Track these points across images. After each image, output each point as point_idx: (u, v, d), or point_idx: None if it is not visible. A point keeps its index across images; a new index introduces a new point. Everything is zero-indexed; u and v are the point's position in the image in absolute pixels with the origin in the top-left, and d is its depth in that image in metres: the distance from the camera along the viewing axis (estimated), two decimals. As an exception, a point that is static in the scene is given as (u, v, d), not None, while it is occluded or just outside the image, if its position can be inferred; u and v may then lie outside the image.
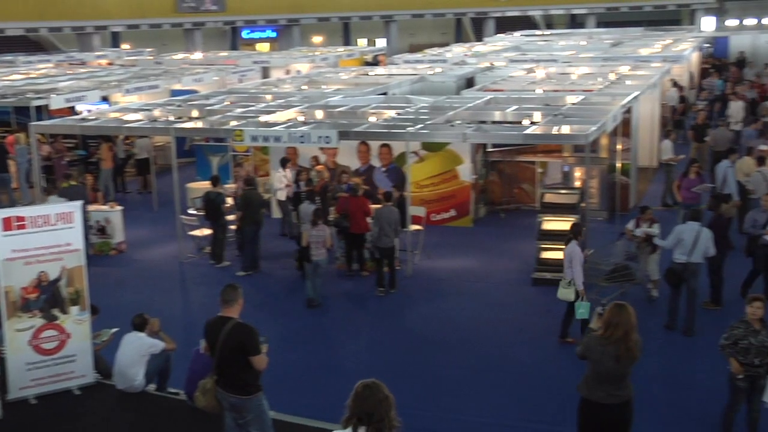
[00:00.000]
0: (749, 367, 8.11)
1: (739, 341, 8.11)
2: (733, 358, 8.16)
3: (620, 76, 21.84)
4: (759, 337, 8.08)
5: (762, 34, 39.71)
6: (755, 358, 8.10)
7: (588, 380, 7.21)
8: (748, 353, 8.10)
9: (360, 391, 5.15)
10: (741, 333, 8.14)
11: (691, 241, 11.40)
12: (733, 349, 8.15)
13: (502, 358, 11.00)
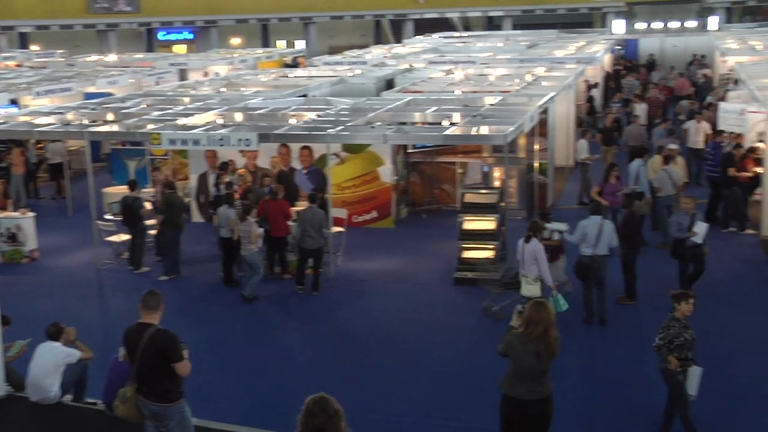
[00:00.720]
0: (684, 361, 8.30)
1: (674, 339, 8.25)
2: (671, 356, 8.26)
3: (536, 77, 22.27)
4: (689, 331, 8.29)
5: (668, 37, 41.08)
6: (689, 352, 8.31)
7: (510, 377, 7.32)
8: (683, 349, 8.27)
9: (311, 407, 5.06)
10: (676, 331, 8.27)
11: (594, 235, 11.85)
12: (668, 348, 8.28)
13: (427, 358, 11.07)
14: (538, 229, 11.61)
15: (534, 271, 11.26)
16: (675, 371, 8.29)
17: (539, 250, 11.29)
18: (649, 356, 9.79)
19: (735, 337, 11.40)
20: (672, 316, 8.39)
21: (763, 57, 25.02)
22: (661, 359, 8.38)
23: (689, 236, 12.32)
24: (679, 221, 12.55)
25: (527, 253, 11.32)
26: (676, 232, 12.56)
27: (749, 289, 13.09)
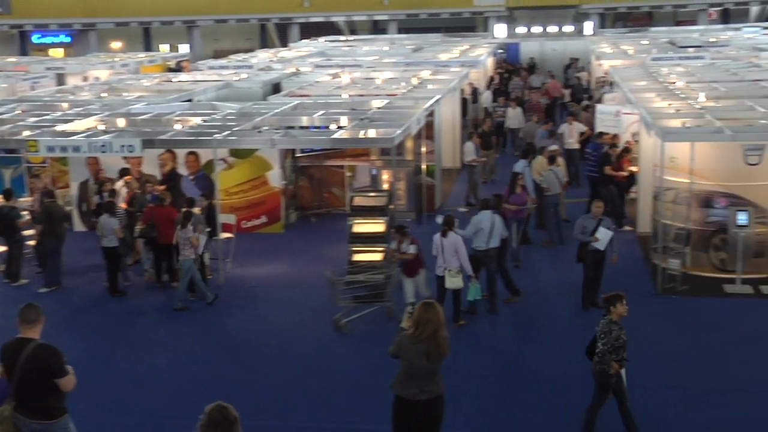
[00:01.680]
0: (619, 362, 8.42)
1: (615, 342, 8.30)
2: (613, 361, 8.33)
3: (422, 80, 22.59)
4: (624, 331, 8.42)
5: (548, 41, 42.40)
6: (624, 352, 8.45)
7: (401, 378, 7.40)
8: (620, 350, 8.37)
9: (213, 415, 5.12)
10: (616, 334, 8.32)
11: (488, 229, 12.24)
12: (609, 352, 8.31)
13: (319, 362, 11.06)
14: (452, 223, 11.96)
15: (456, 263, 11.66)
16: (612, 375, 8.38)
17: (459, 242, 11.76)
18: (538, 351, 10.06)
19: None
20: (609, 320, 8.39)
21: (635, 61, 26.16)
22: (598, 362, 8.43)
23: (591, 241, 12.35)
24: (584, 224, 12.45)
25: (447, 247, 11.68)
26: (579, 234, 12.49)
27: (627, 283, 13.58)
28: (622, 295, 8.51)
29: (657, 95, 17.15)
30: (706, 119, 13.90)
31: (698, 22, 50.60)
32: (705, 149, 13.18)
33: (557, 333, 11.84)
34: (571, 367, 10.17)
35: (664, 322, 11.97)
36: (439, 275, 11.92)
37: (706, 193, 13.51)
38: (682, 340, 11.42)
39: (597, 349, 8.40)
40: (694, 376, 10.27)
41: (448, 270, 11.70)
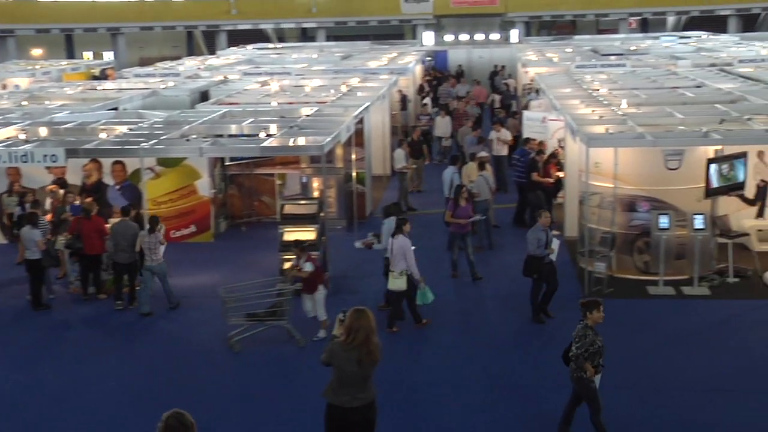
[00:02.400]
0: (596, 368, 8.46)
1: (589, 347, 8.36)
2: (587, 364, 8.40)
3: (351, 87, 22.63)
4: (600, 338, 8.49)
5: (475, 49, 42.97)
6: (599, 358, 8.48)
7: (333, 385, 7.38)
8: (596, 356, 8.41)
9: (170, 422, 5.34)
10: (591, 339, 8.38)
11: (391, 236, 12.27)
12: (584, 356, 8.39)
13: (251, 371, 10.95)
14: (404, 224, 12.20)
15: (402, 265, 11.84)
16: (590, 378, 8.42)
17: (407, 245, 11.93)
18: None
19: (542, 334, 12.07)
20: (585, 325, 8.44)
21: (560, 68, 26.70)
22: (575, 368, 8.49)
23: (548, 253, 12.39)
24: (539, 237, 12.24)
25: (396, 249, 11.87)
26: (535, 248, 12.23)
27: (569, 289, 13.85)
28: (600, 302, 8.54)
29: (581, 102, 17.53)
30: (628, 125, 14.27)
31: (619, 31, 51.97)
32: (628, 155, 13.52)
33: (511, 339, 11.99)
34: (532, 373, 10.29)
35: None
36: None
37: (630, 198, 13.85)
38: (609, 342, 11.63)
39: (571, 353, 8.47)
40: (621, 376, 10.50)
41: (391, 271, 11.96)
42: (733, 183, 13.79)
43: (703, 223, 13.25)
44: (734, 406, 9.49)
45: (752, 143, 13.88)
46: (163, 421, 5.34)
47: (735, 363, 10.71)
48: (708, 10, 50.75)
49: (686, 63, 26.56)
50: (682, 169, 13.66)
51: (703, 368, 10.58)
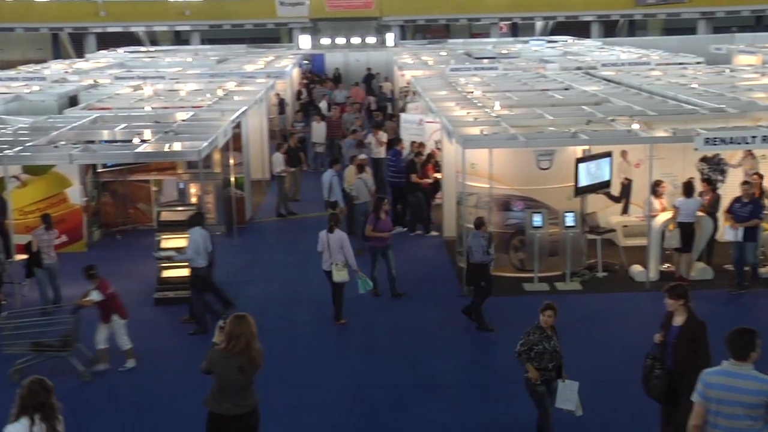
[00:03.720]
0: (544, 372, 8.41)
1: (534, 347, 8.36)
2: (529, 364, 8.38)
3: (228, 91, 22.33)
4: (551, 342, 8.44)
5: (351, 53, 43.20)
6: (549, 362, 8.40)
7: (214, 394, 7.27)
8: (542, 358, 8.37)
9: (34, 387, 6.17)
10: (536, 338, 8.36)
11: (202, 246, 12.17)
12: (528, 355, 8.38)
13: (129, 382, 10.65)
14: (338, 219, 12.95)
15: (341, 257, 12.32)
16: (534, 382, 8.40)
17: (344, 238, 12.49)
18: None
19: (424, 332, 12.27)
20: (536, 325, 8.46)
21: (435, 71, 27.19)
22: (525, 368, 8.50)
23: (492, 259, 12.47)
24: (481, 244, 12.15)
25: (333, 243, 12.32)
26: (481, 255, 12.10)
27: (435, 286, 14.13)
28: (551, 306, 8.54)
29: (456, 104, 17.90)
30: (501, 127, 14.67)
31: (491, 35, 53.43)
32: (502, 155, 13.90)
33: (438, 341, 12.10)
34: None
35: (470, 322, 12.48)
36: (326, 270, 12.49)
37: (505, 197, 14.25)
38: (487, 339, 11.97)
39: (515, 348, 8.49)
40: (496, 373, 10.79)
41: (335, 264, 12.30)
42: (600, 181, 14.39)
43: (574, 220, 13.78)
44: (607, 396, 9.88)
45: (616, 143, 14.52)
46: (25, 387, 6.15)
47: (606, 354, 11.17)
48: (573, 16, 52.86)
49: (554, 66, 27.54)
50: (553, 169, 14.16)
51: (576, 360, 10.96)
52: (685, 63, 27.97)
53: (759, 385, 6.03)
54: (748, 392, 6.03)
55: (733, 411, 6.05)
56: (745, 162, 15.47)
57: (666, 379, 7.89)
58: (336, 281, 12.42)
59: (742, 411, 6.02)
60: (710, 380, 6.19)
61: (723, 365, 6.23)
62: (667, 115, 15.66)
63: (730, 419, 6.07)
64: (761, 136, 13.29)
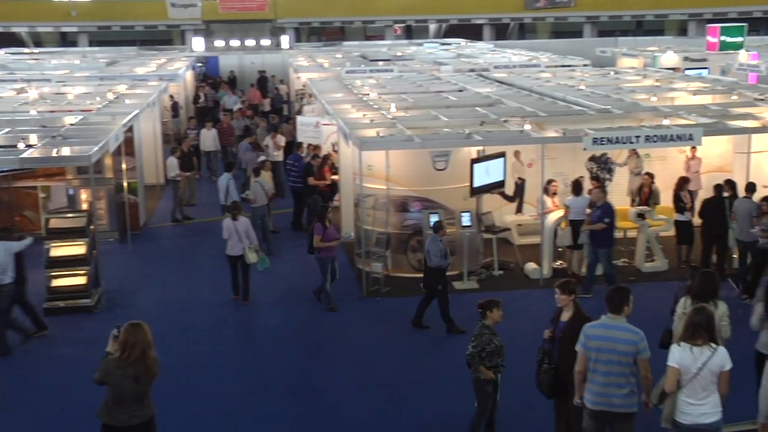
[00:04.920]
0: (494, 369, 8.41)
1: (486, 347, 8.32)
2: (482, 366, 8.34)
3: (118, 95, 21.72)
4: (498, 338, 8.43)
5: (246, 55, 42.75)
6: (498, 358, 8.42)
7: (108, 405, 7.06)
8: (494, 356, 8.37)
9: None
10: (487, 338, 8.34)
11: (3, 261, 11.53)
12: (480, 356, 8.34)
13: (21, 395, 10.24)
14: (239, 208, 13.60)
15: (248, 242, 13.21)
16: (486, 381, 8.40)
17: (248, 223, 13.44)
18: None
19: (325, 334, 12.27)
20: (482, 324, 8.43)
21: (331, 73, 27.19)
22: (473, 370, 8.44)
23: (449, 263, 12.41)
24: (440, 247, 12.13)
25: (241, 228, 13.20)
26: (439, 259, 12.07)
27: (335, 289, 14.05)
28: (498, 302, 8.57)
29: (353, 106, 17.97)
30: (398, 128, 14.81)
31: (386, 37, 53.83)
32: (399, 157, 14.03)
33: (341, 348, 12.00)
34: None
35: (370, 323, 12.56)
36: (232, 255, 13.30)
37: (402, 198, 14.38)
38: (387, 340, 12.06)
39: (467, 351, 8.45)
40: (398, 373, 10.88)
41: (248, 247, 13.18)
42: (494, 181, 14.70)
43: (470, 220, 14.03)
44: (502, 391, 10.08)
45: (509, 143, 14.88)
46: None
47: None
48: (465, 19, 53.81)
49: (448, 68, 27.98)
50: (449, 170, 14.38)
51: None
52: (572, 65, 28.88)
53: (629, 335, 7.13)
54: (620, 341, 7.12)
55: (609, 357, 7.15)
56: (630, 161, 16.11)
57: (551, 373, 8.10)
58: (249, 262, 13.25)
59: (616, 357, 7.12)
60: (590, 332, 7.27)
61: (601, 319, 7.31)
62: (557, 116, 16.13)
63: (606, 364, 7.15)
64: (644, 135, 13.86)
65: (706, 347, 6.88)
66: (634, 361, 7.15)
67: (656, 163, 16.09)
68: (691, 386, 6.89)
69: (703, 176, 15.84)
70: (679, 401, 6.97)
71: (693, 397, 6.91)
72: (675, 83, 21.60)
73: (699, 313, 7.07)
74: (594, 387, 7.28)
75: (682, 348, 6.93)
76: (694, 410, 6.92)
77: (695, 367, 6.85)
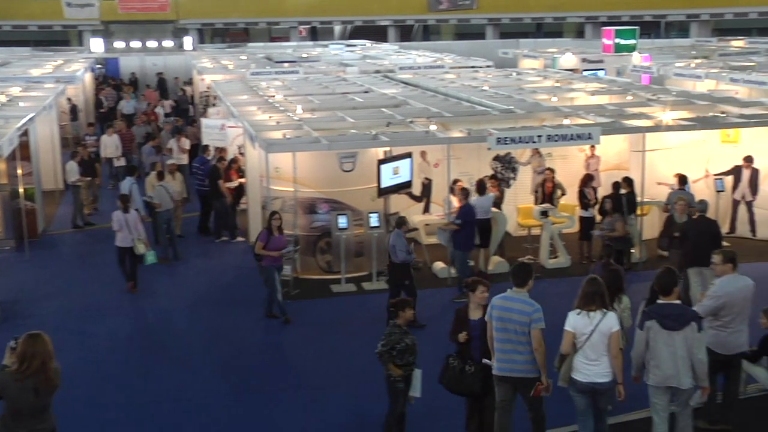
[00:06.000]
0: (406, 367, 8.43)
1: (396, 345, 8.35)
2: (391, 364, 8.38)
3: (12, 97, 20.90)
4: (410, 337, 8.46)
5: (148, 57, 41.87)
6: (410, 356, 8.45)
7: (5, 420, 6.76)
8: (405, 354, 8.39)
9: None
10: (397, 337, 8.37)
11: None
12: (390, 354, 8.36)
13: None
14: (128, 200, 14.13)
15: (135, 234, 13.73)
16: (397, 379, 8.41)
17: (137, 216, 13.98)
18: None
19: (236, 339, 12.11)
20: (393, 323, 8.49)
21: (235, 75, 26.88)
22: (386, 368, 8.44)
23: (414, 258, 12.36)
24: (404, 243, 12.17)
25: (131, 220, 13.70)
26: (404, 255, 12.10)
27: (243, 293, 13.97)
28: (410, 301, 8.74)
29: (258, 108, 17.80)
30: (304, 130, 14.75)
31: (291, 39, 53.59)
32: (306, 158, 13.97)
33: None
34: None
35: (281, 326, 12.45)
36: (122, 246, 13.73)
37: (310, 200, 14.33)
38: (300, 342, 12.00)
39: (376, 349, 8.44)
40: (312, 375, 10.84)
41: (137, 238, 13.64)
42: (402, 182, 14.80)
43: (378, 220, 14.09)
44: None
45: (415, 144, 15.00)
46: None
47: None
48: (370, 21, 54.09)
49: (354, 70, 28.05)
50: (356, 171, 14.41)
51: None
52: (476, 66, 29.37)
53: (525, 306, 7.79)
54: (516, 311, 7.80)
55: (506, 326, 7.83)
56: (533, 160, 16.48)
57: (481, 374, 8.26)
58: (138, 253, 13.71)
59: (512, 326, 7.79)
60: (496, 303, 7.95)
61: (507, 292, 7.96)
62: (461, 117, 16.37)
63: (505, 332, 7.84)
64: (546, 135, 14.21)
65: (599, 312, 7.64)
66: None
67: (558, 161, 16.50)
68: (585, 348, 7.61)
69: (602, 174, 16.32)
70: (575, 362, 7.70)
71: (587, 358, 7.64)
72: (574, 84, 22.22)
73: (592, 283, 7.82)
74: (499, 354, 7.93)
75: (577, 314, 7.71)
76: (589, 370, 7.65)
77: (588, 330, 7.60)
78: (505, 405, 8.08)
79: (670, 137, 15.62)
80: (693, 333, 7.58)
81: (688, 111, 16.87)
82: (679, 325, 7.57)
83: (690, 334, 7.56)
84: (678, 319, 7.60)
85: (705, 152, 16.17)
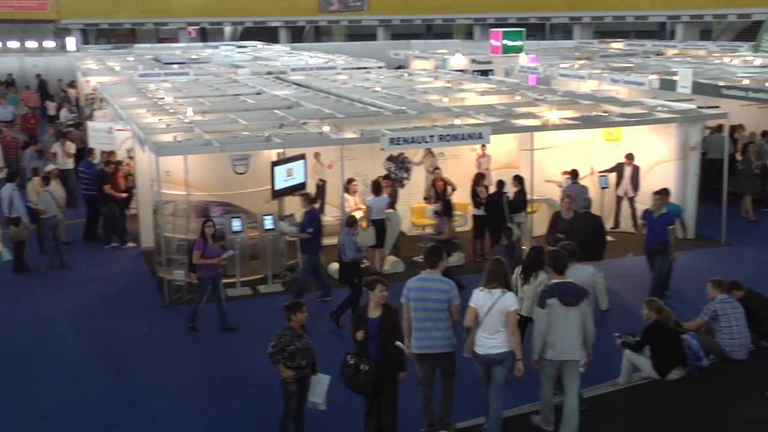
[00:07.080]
0: (298, 370, 8.45)
1: (286, 347, 8.38)
2: (281, 365, 8.43)
3: None
4: (303, 340, 8.45)
5: (28, 57, 40.36)
6: (302, 360, 8.44)
7: None
8: (296, 357, 8.40)
9: None
10: (288, 339, 8.39)
11: None
12: (282, 356, 8.41)
13: None
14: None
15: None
16: (288, 381, 8.45)
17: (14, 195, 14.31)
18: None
19: (131, 346, 11.80)
20: (286, 326, 8.48)
21: (123, 77, 26.17)
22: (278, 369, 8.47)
23: (365, 256, 12.46)
24: (354, 241, 12.34)
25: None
26: (354, 253, 12.31)
27: (136, 300, 13.61)
28: (303, 303, 8.67)
29: (147, 111, 17.39)
30: (195, 132, 14.50)
31: (180, 40, 52.58)
32: (198, 161, 13.73)
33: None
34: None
35: (175, 332, 12.20)
36: None
37: (203, 204, 14.08)
38: (195, 348, 11.80)
39: (267, 350, 8.47)
40: (208, 380, 10.68)
41: None
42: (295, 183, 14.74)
43: (273, 223, 13.99)
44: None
45: (309, 145, 14.97)
46: None
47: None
48: (260, 22, 53.67)
49: (245, 71, 27.74)
50: (250, 173, 14.27)
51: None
52: (368, 67, 29.53)
53: (442, 285, 8.32)
54: (434, 290, 8.29)
55: (426, 305, 8.28)
56: (426, 160, 16.70)
57: (375, 372, 8.35)
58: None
59: (431, 305, 8.27)
60: (411, 285, 8.40)
61: (421, 274, 8.43)
62: (354, 117, 16.42)
63: (424, 311, 8.28)
64: (438, 135, 14.42)
65: (499, 290, 8.19)
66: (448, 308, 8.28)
67: (450, 161, 16.77)
68: (485, 323, 8.18)
69: (494, 173, 16.68)
70: (476, 336, 8.27)
71: (486, 332, 8.23)
72: (464, 84, 22.62)
73: (496, 264, 8.44)
74: (417, 333, 8.34)
75: (480, 291, 8.27)
76: (487, 342, 8.22)
77: (487, 306, 8.17)
78: (427, 381, 8.50)
79: (557, 136, 16.11)
80: (586, 307, 8.29)
81: (574, 110, 17.43)
82: (576, 300, 8.24)
83: (585, 308, 8.29)
84: (575, 295, 8.28)
85: (590, 150, 16.75)
